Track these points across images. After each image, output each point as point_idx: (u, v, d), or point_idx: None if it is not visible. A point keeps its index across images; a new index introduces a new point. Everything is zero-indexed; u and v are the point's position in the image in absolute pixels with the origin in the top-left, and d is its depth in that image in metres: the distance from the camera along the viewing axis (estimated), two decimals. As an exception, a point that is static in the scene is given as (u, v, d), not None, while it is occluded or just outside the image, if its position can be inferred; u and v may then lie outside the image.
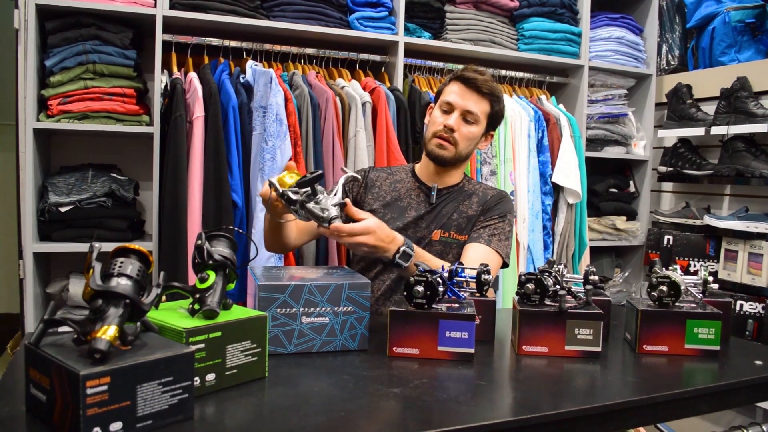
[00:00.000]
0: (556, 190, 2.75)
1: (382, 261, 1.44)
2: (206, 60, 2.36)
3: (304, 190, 1.26)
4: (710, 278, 1.37)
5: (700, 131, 2.75)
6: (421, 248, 1.59)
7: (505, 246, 1.67)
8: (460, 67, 1.76)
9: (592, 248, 2.95)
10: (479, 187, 1.79)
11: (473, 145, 1.72)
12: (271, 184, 1.28)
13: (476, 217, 1.71)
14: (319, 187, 1.29)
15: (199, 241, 1.02)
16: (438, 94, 1.75)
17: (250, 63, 2.31)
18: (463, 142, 1.67)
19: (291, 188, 1.27)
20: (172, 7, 2.23)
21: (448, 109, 1.67)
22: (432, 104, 1.78)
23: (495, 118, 1.72)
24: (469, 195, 1.75)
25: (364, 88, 2.43)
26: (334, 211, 1.27)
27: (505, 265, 1.68)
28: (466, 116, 1.66)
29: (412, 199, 1.74)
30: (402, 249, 1.40)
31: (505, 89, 2.83)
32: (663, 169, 2.97)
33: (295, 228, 1.61)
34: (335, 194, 1.31)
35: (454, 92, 1.67)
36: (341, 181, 1.37)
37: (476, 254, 1.60)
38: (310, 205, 1.26)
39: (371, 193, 1.75)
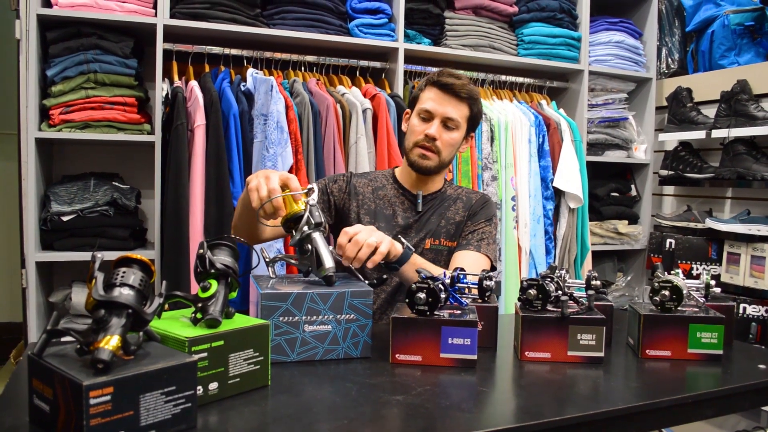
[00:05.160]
0: (558, 194, 2.75)
1: (387, 266, 1.41)
2: (207, 68, 2.37)
3: (302, 225, 1.23)
4: (712, 282, 1.37)
5: (700, 134, 2.75)
6: None
7: (493, 249, 1.67)
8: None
9: (594, 253, 2.95)
10: (461, 191, 1.78)
11: (455, 150, 1.70)
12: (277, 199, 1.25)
13: (464, 222, 1.71)
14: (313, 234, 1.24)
15: (201, 250, 1.02)
16: (413, 100, 1.70)
17: (250, 71, 2.32)
18: (446, 149, 1.65)
19: (293, 217, 1.25)
20: (172, 16, 2.24)
21: (427, 116, 1.64)
22: (408, 110, 1.74)
23: (474, 120, 1.70)
24: (454, 200, 1.74)
25: (364, 95, 2.43)
26: (330, 262, 1.20)
27: (492, 269, 1.66)
28: (447, 123, 1.63)
29: (397, 206, 1.71)
30: (402, 240, 1.41)
31: (506, 94, 2.84)
32: (664, 172, 2.97)
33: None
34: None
35: (431, 99, 1.63)
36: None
37: (468, 261, 1.59)
38: (319, 249, 1.21)
39: (356, 201, 1.71)
